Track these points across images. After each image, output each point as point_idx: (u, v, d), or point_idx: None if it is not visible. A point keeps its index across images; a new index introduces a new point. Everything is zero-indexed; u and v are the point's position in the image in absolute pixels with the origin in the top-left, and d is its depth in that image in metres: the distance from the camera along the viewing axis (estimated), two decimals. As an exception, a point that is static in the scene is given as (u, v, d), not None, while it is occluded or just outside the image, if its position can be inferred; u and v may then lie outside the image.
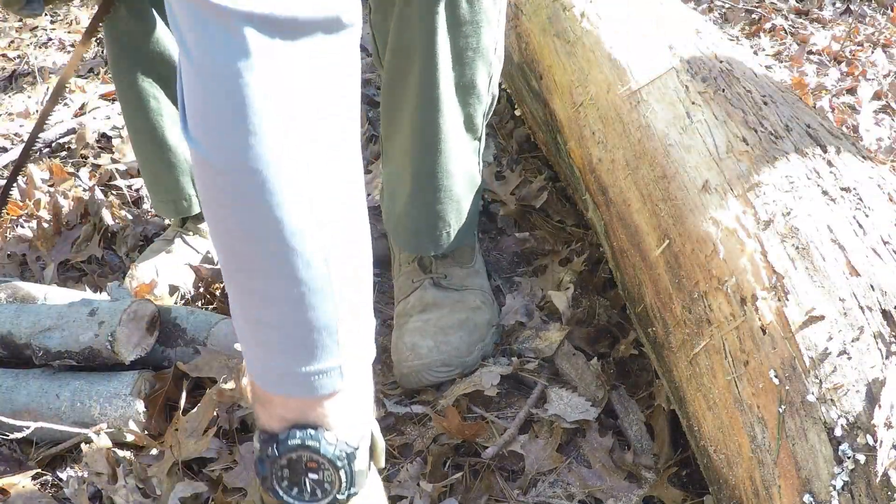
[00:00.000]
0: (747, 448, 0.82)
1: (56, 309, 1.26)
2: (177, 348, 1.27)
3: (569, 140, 1.37)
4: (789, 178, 0.95)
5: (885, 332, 0.76)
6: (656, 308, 1.04)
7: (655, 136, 1.13)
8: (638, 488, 1.09)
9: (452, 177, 1.26)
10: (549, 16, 1.51)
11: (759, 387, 0.82)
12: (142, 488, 1.10)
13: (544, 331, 1.32)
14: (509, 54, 1.70)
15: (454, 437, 1.14)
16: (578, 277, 1.43)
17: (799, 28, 2.55)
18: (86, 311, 1.23)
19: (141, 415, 1.17)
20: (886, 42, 2.43)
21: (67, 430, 1.17)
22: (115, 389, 1.19)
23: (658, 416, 1.15)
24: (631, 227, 1.13)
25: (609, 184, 1.21)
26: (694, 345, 0.94)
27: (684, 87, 1.17)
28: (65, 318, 1.23)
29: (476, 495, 1.09)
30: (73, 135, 1.99)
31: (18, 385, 1.22)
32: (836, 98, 2.09)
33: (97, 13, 1.34)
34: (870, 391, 0.73)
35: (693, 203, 1.01)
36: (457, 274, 1.35)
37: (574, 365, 1.26)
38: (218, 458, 1.14)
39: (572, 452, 1.15)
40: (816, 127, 1.06)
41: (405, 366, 1.24)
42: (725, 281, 0.91)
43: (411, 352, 1.24)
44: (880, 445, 0.70)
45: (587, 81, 1.33)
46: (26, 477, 1.14)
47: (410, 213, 1.31)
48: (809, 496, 0.72)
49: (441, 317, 1.28)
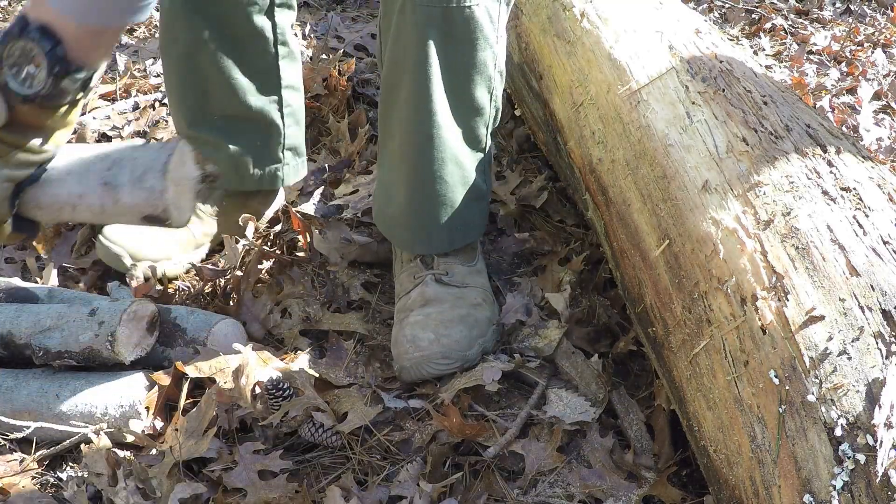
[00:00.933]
0: (747, 448, 0.82)
1: (56, 309, 1.26)
2: (176, 348, 1.27)
3: (569, 140, 1.37)
4: (789, 178, 0.95)
5: (885, 332, 0.76)
6: (656, 308, 1.04)
7: (655, 136, 1.13)
8: (638, 488, 1.09)
9: (447, 185, 1.28)
10: (549, 16, 1.51)
11: (759, 387, 0.82)
12: (141, 489, 1.10)
13: (543, 328, 1.32)
14: (509, 54, 1.70)
15: (454, 436, 1.14)
16: (578, 277, 1.43)
17: (799, 28, 2.55)
18: (86, 311, 1.23)
19: (141, 415, 1.17)
20: (886, 42, 2.43)
21: (67, 429, 1.17)
22: (115, 389, 1.19)
23: (658, 416, 1.16)
24: (631, 227, 1.13)
25: (609, 184, 1.21)
26: (694, 345, 0.94)
27: (684, 87, 1.17)
28: (65, 318, 1.23)
29: (476, 495, 1.09)
30: (73, 135, 1.99)
31: (18, 385, 1.22)
32: (836, 98, 2.09)
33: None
34: (870, 391, 0.73)
35: (693, 203, 1.01)
36: (459, 271, 1.36)
37: (574, 364, 1.26)
38: (218, 458, 1.14)
39: (572, 452, 1.15)
40: (816, 127, 1.06)
41: (405, 358, 1.25)
42: (725, 281, 0.91)
43: (411, 344, 1.25)
44: (880, 445, 0.70)
45: (587, 81, 1.33)
46: (26, 477, 1.14)
47: (405, 216, 1.34)
48: (809, 496, 0.72)
49: (442, 311, 1.29)
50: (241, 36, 1.43)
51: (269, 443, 1.18)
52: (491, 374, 1.22)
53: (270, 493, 1.08)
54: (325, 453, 1.17)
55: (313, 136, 1.94)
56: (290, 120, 1.54)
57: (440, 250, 1.35)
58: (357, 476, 1.13)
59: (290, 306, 1.41)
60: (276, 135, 1.52)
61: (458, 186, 1.29)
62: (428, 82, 1.20)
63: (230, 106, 1.46)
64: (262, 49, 1.45)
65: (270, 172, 1.54)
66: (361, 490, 1.10)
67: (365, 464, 1.15)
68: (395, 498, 1.09)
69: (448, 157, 1.26)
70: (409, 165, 1.29)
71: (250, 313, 1.39)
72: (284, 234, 1.61)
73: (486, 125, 1.30)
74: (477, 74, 1.24)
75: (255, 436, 1.19)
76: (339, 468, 1.15)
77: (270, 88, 1.49)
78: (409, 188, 1.31)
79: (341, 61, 2.12)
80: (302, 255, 1.53)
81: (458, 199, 1.30)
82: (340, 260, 1.49)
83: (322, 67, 2.08)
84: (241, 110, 1.47)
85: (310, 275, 1.48)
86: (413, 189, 1.31)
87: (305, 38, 2.46)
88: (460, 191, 1.30)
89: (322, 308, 1.42)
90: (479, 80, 1.24)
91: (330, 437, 1.16)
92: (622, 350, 1.28)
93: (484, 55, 1.22)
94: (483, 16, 1.19)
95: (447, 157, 1.26)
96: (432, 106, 1.21)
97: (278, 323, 1.39)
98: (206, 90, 1.45)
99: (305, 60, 2.24)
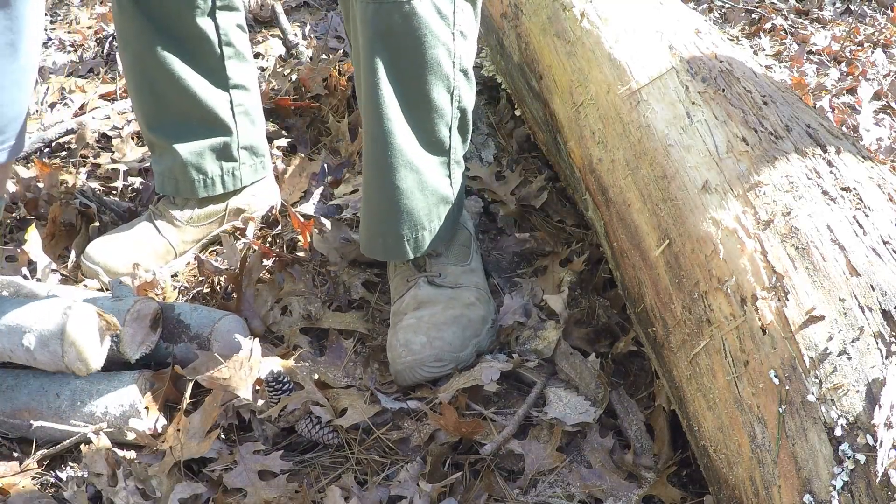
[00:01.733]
0: (747, 448, 0.82)
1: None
2: (180, 344, 1.27)
3: (569, 140, 1.37)
4: (789, 178, 0.95)
5: (885, 332, 0.76)
6: (656, 308, 1.04)
7: (655, 136, 1.13)
8: (638, 488, 1.09)
9: (401, 192, 1.25)
10: (549, 16, 1.51)
11: (759, 387, 0.82)
12: (141, 489, 1.10)
13: (542, 329, 1.32)
14: (509, 54, 1.70)
15: (451, 435, 1.14)
16: (578, 277, 1.43)
17: (799, 28, 2.55)
18: (88, 312, 1.23)
19: (141, 415, 1.17)
20: (886, 42, 2.43)
21: (68, 429, 1.17)
22: (115, 389, 1.19)
23: (658, 416, 1.16)
24: (631, 227, 1.13)
25: (609, 184, 1.21)
26: (694, 345, 0.94)
27: (684, 87, 1.17)
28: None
29: (476, 495, 1.09)
30: (73, 135, 1.99)
31: (19, 384, 1.22)
32: (836, 98, 2.09)
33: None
34: (870, 391, 0.73)
35: (693, 203, 1.01)
36: (452, 272, 1.35)
37: (573, 364, 1.26)
38: (218, 458, 1.14)
39: (572, 452, 1.15)
40: (816, 127, 1.06)
41: (399, 362, 1.25)
42: (725, 281, 0.91)
43: (404, 348, 1.25)
44: (880, 445, 0.70)
45: (587, 81, 1.33)
46: (26, 477, 1.14)
47: (363, 224, 1.34)
48: (809, 496, 0.72)
49: (434, 314, 1.28)
50: (187, 38, 1.46)
51: (268, 443, 1.18)
52: (490, 374, 1.22)
53: (270, 493, 1.08)
54: (325, 453, 1.17)
55: (313, 136, 1.95)
56: (243, 119, 1.56)
57: (401, 259, 1.34)
58: (357, 476, 1.13)
59: (291, 304, 1.41)
60: (228, 134, 1.54)
61: (415, 193, 1.26)
62: (376, 85, 1.18)
63: (182, 107, 1.49)
64: (207, 50, 1.48)
65: (227, 171, 1.56)
66: (361, 490, 1.10)
67: (364, 463, 1.15)
68: (394, 498, 1.09)
69: (401, 164, 1.23)
70: (365, 172, 1.29)
71: (251, 310, 1.39)
72: (284, 234, 1.61)
73: (448, 126, 1.27)
74: (430, 74, 1.20)
75: (254, 435, 1.19)
76: (339, 468, 1.15)
77: (219, 88, 1.52)
78: (364, 196, 1.32)
79: (341, 61, 2.12)
80: (302, 255, 1.53)
81: (416, 205, 1.27)
82: (340, 259, 1.49)
83: (322, 67, 2.08)
84: (192, 110, 1.50)
85: (311, 273, 1.49)
86: (367, 198, 1.31)
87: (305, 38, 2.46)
88: (417, 197, 1.27)
89: (323, 306, 1.42)
90: (433, 80, 1.21)
91: (327, 433, 1.16)
92: (622, 350, 1.28)
93: (435, 53, 1.19)
94: (428, 12, 1.16)
95: (400, 163, 1.23)
96: (382, 110, 1.20)
97: (278, 320, 1.39)
98: (158, 92, 1.48)
99: (305, 60, 2.24)
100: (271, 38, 2.51)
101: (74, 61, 2.48)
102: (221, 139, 1.54)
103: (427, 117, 1.24)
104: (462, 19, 1.22)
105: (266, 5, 2.61)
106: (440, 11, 1.17)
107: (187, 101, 1.49)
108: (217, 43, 1.48)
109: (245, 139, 1.57)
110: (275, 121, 1.97)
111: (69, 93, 2.25)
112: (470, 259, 1.40)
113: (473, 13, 1.25)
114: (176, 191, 1.55)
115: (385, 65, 1.18)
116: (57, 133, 1.99)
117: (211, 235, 1.61)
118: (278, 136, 1.91)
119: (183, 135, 1.51)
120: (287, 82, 2.08)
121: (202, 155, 1.53)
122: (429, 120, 1.25)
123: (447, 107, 1.26)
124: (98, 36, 2.58)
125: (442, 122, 1.26)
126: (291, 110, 1.99)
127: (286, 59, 2.32)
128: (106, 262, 1.49)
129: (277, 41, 2.47)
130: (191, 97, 1.48)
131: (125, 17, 1.44)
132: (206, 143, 1.53)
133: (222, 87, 1.52)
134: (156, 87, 1.48)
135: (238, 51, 1.52)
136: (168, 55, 1.44)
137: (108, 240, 1.52)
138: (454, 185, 1.33)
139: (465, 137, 1.34)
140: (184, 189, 1.54)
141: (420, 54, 1.18)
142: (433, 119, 1.25)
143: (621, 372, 1.28)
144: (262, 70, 2.27)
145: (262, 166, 1.62)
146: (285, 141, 1.90)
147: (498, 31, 1.79)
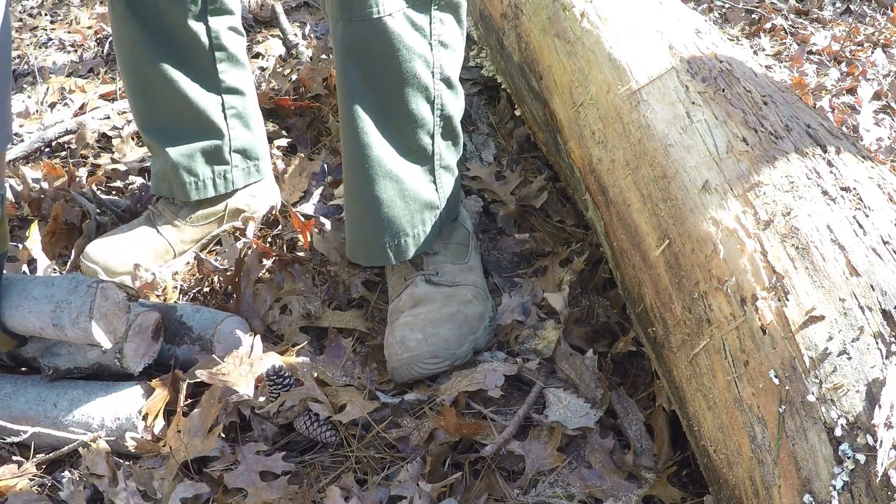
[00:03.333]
0: (747, 448, 0.82)
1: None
2: (183, 346, 1.27)
3: (569, 140, 1.37)
4: (789, 178, 0.95)
5: (885, 332, 0.76)
6: (656, 308, 1.04)
7: (655, 136, 1.13)
8: (638, 488, 1.09)
9: (381, 202, 1.27)
10: (549, 16, 1.51)
11: (759, 387, 0.82)
12: (142, 490, 1.10)
13: (541, 329, 1.32)
14: (509, 54, 1.70)
15: (451, 435, 1.14)
16: (578, 277, 1.43)
17: (799, 28, 2.55)
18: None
19: (137, 428, 1.17)
20: (886, 42, 2.43)
21: (65, 436, 1.17)
22: (112, 401, 1.18)
23: (658, 416, 1.15)
24: (631, 227, 1.13)
25: (609, 184, 1.21)
26: (694, 345, 0.94)
27: (684, 87, 1.17)
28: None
29: (476, 495, 1.09)
30: (72, 135, 1.99)
31: (17, 392, 1.21)
32: (836, 98, 2.09)
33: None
34: (870, 391, 0.73)
35: (693, 203, 1.01)
36: (449, 270, 1.36)
37: (573, 365, 1.26)
38: (221, 456, 1.14)
39: (572, 452, 1.15)
40: (816, 127, 1.06)
41: (395, 359, 1.25)
42: (725, 281, 0.91)
43: (401, 345, 1.25)
44: (880, 445, 0.70)
45: (587, 81, 1.33)
46: (24, 478, 1.14)
47: (348, 231, 1.35)
48: (809, 496, 0.72)
49: (430, 311, 1.29)
50: (178, 40, 1.46)
51: (268, 442, 1.18)
52: (494, 378, 1.22)
53: (271, 494, 1.08)
54: (325, 453, 1.17)
55: (313, 136, 1.95)
56: (236, 122, 1.56)
57: (384, 263, 1.35)
58: (357, 476, 1.13)
59: (291, 303, 1.41)
60: (220, 137, 1.54)
61: (396, 202, 1.28)
62: (350, 99, 1.20)
63: (173, 109, 1.50)
64: (199, 53, 1.48)
65: (219, 174, 1.56)
66: (361, 490, 1.10)
67: (364, 462, 1.15)
68: (394, 498, 1.09)
69: (380, 175, 1.25)
70: (345, 183, 1.30)
71: (251, 309, 1.39)
72: (284, 234, 1.61)
73: (431, 134, 1.28)
74: (407, 87, 1.22)
75: (254, 435, 1.19)
76: (339, 468, 1.15)
77: (211, 91, 1.51)
78: (345, 206, 1.33)
79: (341, 61, 2.12)
80: (302, 255, 1.53)
81: (397, 214, 1.28)
82: (340, 259, 1.49)
83: (322, 67, 2.08)
84: (183, 113, 1.50)
85: (311, 272, 1.49)
86: (348, 208, 1.32)
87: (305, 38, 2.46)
88: (398, 206, 1.28)
89: (322, 305, 1.42)
90: (411, 93, 1.23)
91: (325, 431, 1.16)
92: (621, 350, 1.28)
93: (411, 66, 1.20)
94: (401, 26, 1.17)
95: (378, 174, 1.25)
96: (357, 123, 1.21)
97: (278, 319, 1.39)
98: (151, 93, 1.49)
99: (305, 60, 2.24)
100: (271, 38, 2.51)
101: (74, 61, 2.48)
102: (212, 142, 1.54)
103: (407, 127, 1.26)
104: (441, 30, 1.23)
105: (266, 5, 2.61)
106: (415, 24, 1.19)
107: (178, 103, 1.49)
108: (208, 46, 1.48)
109: (237, 142, 1.56)
110: (275, 121, 1.97)
111: (69, 93, 2.25)
112: (468, 257, 1.40)
113: (456, 21, 1.26)
114: (170, 192, 1.55)
115: (359, 79, 1.19)
116: (57, 133, 1.99)
117: (210, 235, 1.61)
118: (278, 136, 1.91)
119: (174, 137, 1.51)
120: (287, 82, 2.08)
121: (193, 157, 1.52)
122: (409, 130, 1.26)
123: (428, 116, 1.27)
124: (98, 36, 2.58)
125: (422, 131, 1.27)
126: (291, 110, 1.99)
127: (286, 59, 2.32)
128: (105, 262, 1.49)
129: (277, 41, 2.47)
130: (182, 99, 1.48)
131: (118, 18, 1.44)
132: (198, 146, 1.53)
133: (214, 91, 1.51)
134: (148, 88, 1.48)
135: (231, 54, 1.52)
136: (159, 57, 1.44)
137: (107, 240, 1.52)
138: (441, 190, 1.34)
139: (456, 142, 1.35)
140: (177, 191, 1.54)
141: (394, 67, 1.20)
142: (413, 129, 1.26)
143: (621, 372, 1.28)
144: (262, 70, 2.27)
145: (255, 169, 1.61)
146: (285, 141, 1.91)
147: (498, 31, 1.79)
